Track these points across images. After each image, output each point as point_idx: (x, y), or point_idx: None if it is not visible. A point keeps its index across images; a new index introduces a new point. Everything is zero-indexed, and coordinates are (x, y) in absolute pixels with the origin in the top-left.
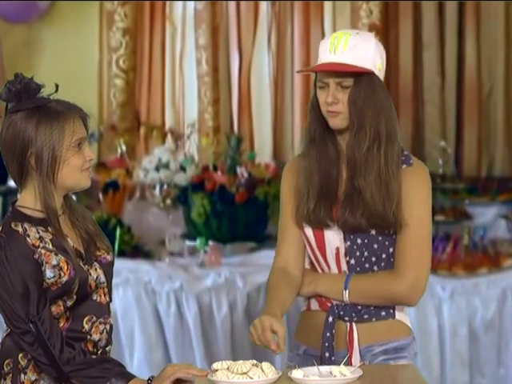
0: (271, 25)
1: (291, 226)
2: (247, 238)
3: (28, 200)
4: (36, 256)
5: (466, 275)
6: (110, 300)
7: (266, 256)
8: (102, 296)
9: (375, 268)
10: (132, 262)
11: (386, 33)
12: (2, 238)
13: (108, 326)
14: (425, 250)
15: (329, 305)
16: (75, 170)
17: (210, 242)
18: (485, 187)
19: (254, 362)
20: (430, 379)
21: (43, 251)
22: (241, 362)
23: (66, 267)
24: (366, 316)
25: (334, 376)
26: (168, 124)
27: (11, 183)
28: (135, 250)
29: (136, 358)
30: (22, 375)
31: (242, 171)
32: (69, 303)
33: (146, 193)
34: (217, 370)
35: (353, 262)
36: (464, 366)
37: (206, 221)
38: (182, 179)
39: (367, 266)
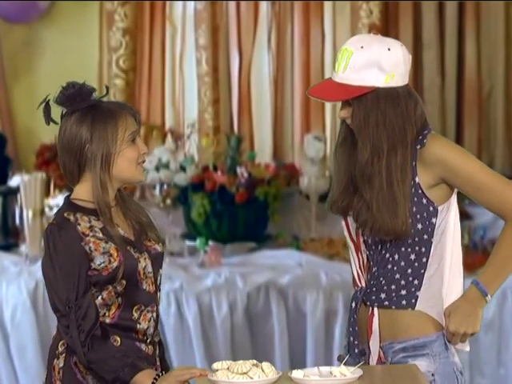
0: (271, 25)
1: None
2: (247, 238)
3: (82, 193)
4: (83, 243)
5: (466, 275)
6: (159, 289)
7: (265, 256)
8: (150, 285)
9: (388, 245)
10: None
11: (385, 33)
12: (54, 226)
13: (155, 315)
14: (500, 177)
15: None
16: (131, 163)
17: (210, 242)
18: None
19: (254, 361)
20: None
21: (92, 239)
22: (241, 361)
23: (115, 254)
24: (386, 302)
25: (334, 376)
26: (168, 124)
27: (11, 183)
28: None
29: None
30: (75, 357)
31: (242, 171)
32: (119, 289)
33: (145, 193)
34: (217, 370)
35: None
36: (464, 366)
37: (206, 221)
38: (181, 179)
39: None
